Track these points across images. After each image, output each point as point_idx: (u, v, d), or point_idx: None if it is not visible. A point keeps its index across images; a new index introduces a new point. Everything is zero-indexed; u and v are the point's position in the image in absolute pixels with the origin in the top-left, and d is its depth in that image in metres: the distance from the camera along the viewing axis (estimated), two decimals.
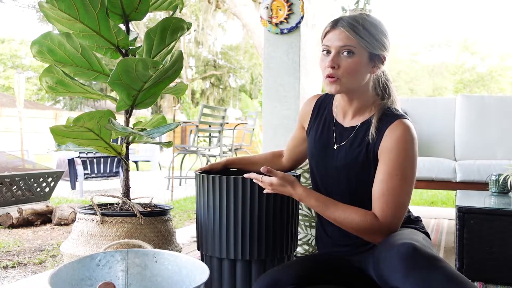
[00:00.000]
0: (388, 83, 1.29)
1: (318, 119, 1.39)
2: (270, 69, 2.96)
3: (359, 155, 1.24)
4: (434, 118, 3.54)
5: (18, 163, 3.97)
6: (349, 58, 1.18)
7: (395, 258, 1.02)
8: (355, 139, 1.27)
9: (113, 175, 5.31)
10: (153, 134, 1.67)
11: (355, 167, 1.25)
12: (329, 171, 1.31)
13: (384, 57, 1.24)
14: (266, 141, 2.97)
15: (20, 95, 5.56)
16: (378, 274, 1.12)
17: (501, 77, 27.46)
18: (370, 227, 1.16)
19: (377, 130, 1.22)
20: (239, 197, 1.40)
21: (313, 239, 1.99)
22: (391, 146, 1.18)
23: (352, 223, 1.18)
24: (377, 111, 1.25)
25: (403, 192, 1.17)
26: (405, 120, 1.21)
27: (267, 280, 1.15)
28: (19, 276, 2.01)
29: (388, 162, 1.18)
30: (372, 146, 1.22)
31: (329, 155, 1.31)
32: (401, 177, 1.17)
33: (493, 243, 1.84)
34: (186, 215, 3.64)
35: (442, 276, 0.97)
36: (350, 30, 1.18)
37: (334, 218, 1.21)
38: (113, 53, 1.71)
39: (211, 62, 24.72)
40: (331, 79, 1.20)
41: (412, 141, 1.18)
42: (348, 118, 1.31)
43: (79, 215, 1.61)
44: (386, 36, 1.23)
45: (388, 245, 1.08)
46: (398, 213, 1.17)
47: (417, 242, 1.05)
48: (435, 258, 1.00)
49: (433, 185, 3.01)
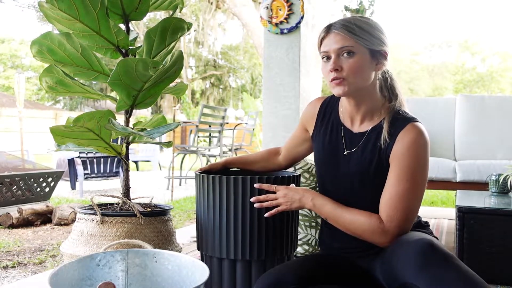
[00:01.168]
0: (394, 82, 1.27)
1: (324, 124, 1.36)
2: (270, 69, 2.96)
3: (372, 161, 1.22)
4: (434, 118, 3.54)
5: (18, 163, 3.98)
6: (350, 58, 1.17)
7: (411, 253, 1.01)
8: (367, 144, 1.25)
9: (113, 175, 5.31)
10: (153, 134, 1.67)
11: (368, 173, 1.23)
12: (340, 178, 1.29)
13: (386, 52, 1.22)
14: (266, 141, 2.97)
15: (20, 95, 5.56)
16: (388, 271, 1.11)
17: (501, 77, 27.46)
18: (374, 229, 1.15)
19: (389, 134, 1.20)
20: (239, 197, 1.40)
21: (313, 239, 1.99)
22: (403, 151, 1.16)
23: (356, 225, 1.18)
24: (387, 115, 1.23)
25: (412, 197, 1.16)
26: (417, 123, 1.20)
27: (269, 280, 1.14)
28: (19, 276, 2.01)
29: (399, 167, 1.16)
30: (384, 151, 1.21)
31: (339, 161, 1.29)
32: (411, 182, 1.15)
33: (493, 243, 1.84)
34: (186, 215, 3.64)
35: (457, 274, 0.96)
36: (345, 31, 1.17)
37: (343, 221, 1.20)
38: (113, 53, 1.71)
39: (211, 62, 24.72)
40: (337, 81, 1.18)
41: (424, 145, 1.17)
42: (356, 123, 1.29)
43: (79, 215, 1.61)
44: (382, 31, 1.22)
45: (403, 242, 1.08)
46: (405, 217, 1.15)
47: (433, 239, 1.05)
48: (451, 256, 1.00)
49: (433, 185, 3.01)
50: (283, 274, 1.14)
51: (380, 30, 1.22)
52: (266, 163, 1.61)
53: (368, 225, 1.16)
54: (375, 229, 1.15)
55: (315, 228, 1.99)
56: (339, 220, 1.21)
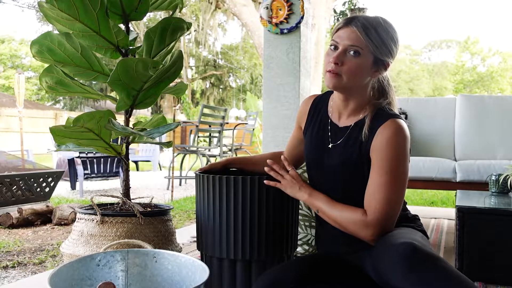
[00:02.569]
0: (389, 87, 1.30)
1: (314, 119, 1.40)
2: (270, 69, 2.96)
3: (352, 154, 1.26)
4: (434, 118, 3.54)
5: (18, 163, 3.98)
6: (354, 58, 1.19)
7: (395, 258, 1.01)
8: (349, 138, 1.28)
9: (113, 175, 5.31)
10: (153, 134, 1.67)
11: (350, 166, 1.27)
12: (325, 170, 1.33)
13: (388, 64, 1.25)
14: (266, 141, 2.97)
15: (20, 95, 5.56)
16: (378, 274, 1.11)
17: (501, 77, 27.47)
18: (358, 223, 1.18)
19: (370, 129, 1.23)
20: (239, 197, 1.40)
21: (313, 239, 1.99)
22: (382, 145, 1.19)
23: (343, 220, 1.21)
24: (370, 110, 1.26)
25: (393, 189, 1.17)
26: (398, 119, 1.21)
27: (267, 280, 1.15)
28: (19, 276, 2.01)
29: (379, 160, 1.19)
30: (365, 144, 1.24)
31: (324, 154, 1.33)
32: (391, 174, 1.17)
33: (493, 243, 1.84)
34: (186, 215, 3.64)
35: (443, 275, 0.96)
36: (362, 32, 1.18)
37: (329, 215, 1.24)
38: (113, 53, 1.71)
39: (211, 62, 24.73)
40: (332, 74, 1.21)
41: (403, 140, 1.19)
42: (343, 118, 1.33)
43: (79, 215, 1.61)
44: (396, 44, 1.24)
45: (387, 244, 1.08)
46: (388, 209, 1.17)
47: (416, 241, 1.05)
48: (435, 257, 1.00)
49: (433, 185, 3.01)
50: (282, 274, 1.15)
51: (395, 42, 1.23)
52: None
53: (353, 218, 1.19)
54: (358, 222, 1.18)
55: (315, 228, 1.99)
56: (329, 216, 1.25)
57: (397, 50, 1.25)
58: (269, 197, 1.41)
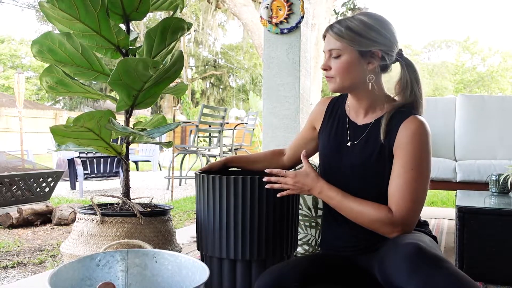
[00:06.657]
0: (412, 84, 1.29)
1: (331, 119, 1.40)
2: (270, 69, 2.96)
3: (373, 152, 1.25)
4: (434, 118, 3.54)
5: (18, 163, 3.97)
6: (337, 60, 1.25)
7: (399, 258, 1.01)
8: (370, 136, 1.28)
9: (113, 175, 5.31)
10: (153, 134, 1.67)
11: (371, 164, 1.26)
12: (344, 169, 1.31)
13: (378, 52, 1.23)
14: (266, 141, 2.97)
15: (20, 95, 5.56)
16: (383, 275, 1.11)
17: (501, 77, 27.47)
18: (383, 220, 1.16)
19: (391, 126, 1.23)
20: (239, 197, 1.40)
21: (313, 239, 1.99)
22: (406, 141, 1.19)
23: (366, 216, 1.19)
24: (389, 108, 1.26)
25: (419, 186, 1.17)
26: (420, 116, 1.23)
27: (270, 278, 1.14)
28: (19, 276, 2.01)
29: (404, 156, 1.19)
30: (387, 142, 1.23)
31: (343, 153, 1.32)
32: (416, 171, 1.17)
33: (493, 243, 1.84)
34: (186, 215, 3.64)
35: (447, 276, 0.96)
36: (334, 34, 1.25)
37: (351, 210, 1.21)
38: (113, 53, 1.71)
39: (211, 62, 24.73)
40: (327, 78, 1.29)
41: (426, 135, 1.20)
42: (360, 116, 1.33)
43: (79, 215, 1.61)
44: (378, 31, 1.22)
45: (393, 245, 1.08)
46: (414, 207, 1.16)
47: (422, 242, 1.05)
48: (440, 258, 1.00)
49: (433, 185, 3.01)
50: (285, 273, 1.14)
51: (376, 30, 1.22)
52: (268, 163, 1.60)
53: (377, 215, 1.17)
54: (384, 220, 1.16)
55: (315, 228, 1.99)
56: (347, 211, 1.23)
57: (383, 36, 1.22)
58: (269, 197, 1.41)
